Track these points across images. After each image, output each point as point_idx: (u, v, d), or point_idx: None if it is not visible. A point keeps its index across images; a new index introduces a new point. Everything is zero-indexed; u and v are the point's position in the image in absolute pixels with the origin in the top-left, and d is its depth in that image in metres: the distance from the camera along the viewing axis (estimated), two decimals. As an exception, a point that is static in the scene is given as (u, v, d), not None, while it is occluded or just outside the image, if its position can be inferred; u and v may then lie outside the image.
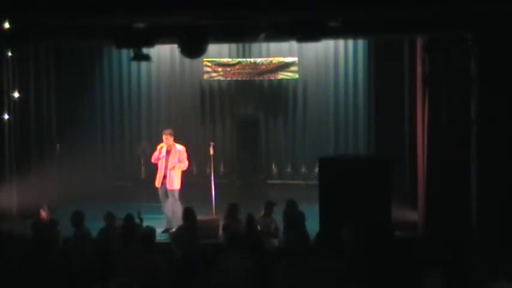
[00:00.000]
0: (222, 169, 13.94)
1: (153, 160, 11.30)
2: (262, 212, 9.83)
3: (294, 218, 9.39)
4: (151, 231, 8.16)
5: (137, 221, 9.20)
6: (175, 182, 11.09)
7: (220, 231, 10.04)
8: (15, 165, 12.13)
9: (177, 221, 10.34)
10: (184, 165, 11.19)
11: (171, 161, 11.07)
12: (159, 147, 11.23)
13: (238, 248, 7.81)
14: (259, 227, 9.41)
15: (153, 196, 11.61)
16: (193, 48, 10.17)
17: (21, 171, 12.12)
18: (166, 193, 11.12)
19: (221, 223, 10.11)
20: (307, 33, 10.03)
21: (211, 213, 11.08)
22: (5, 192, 11.79)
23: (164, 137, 11.17)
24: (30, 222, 9.67)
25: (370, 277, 7.22)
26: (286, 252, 7.66)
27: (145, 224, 9.24)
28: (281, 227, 9.72)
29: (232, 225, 9.28)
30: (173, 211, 10.95)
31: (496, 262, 6.95)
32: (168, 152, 11.12)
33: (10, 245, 8.33)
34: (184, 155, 11.19)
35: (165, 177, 11.08)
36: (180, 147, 11.21)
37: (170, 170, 11.04)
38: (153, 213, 10.96)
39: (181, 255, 8.59)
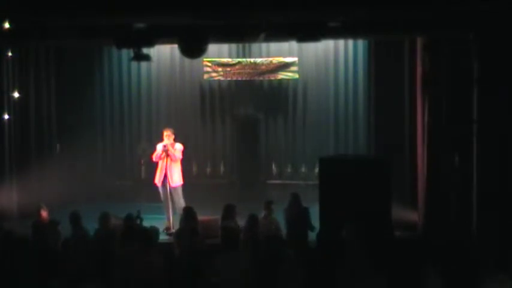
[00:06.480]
0: (222, 169, 13.94)
1: (154, 159, 11.26)
2: (263, 213, 9.83)
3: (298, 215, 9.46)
4: (154, 231, 8.14)
5: (137, 221, 9.20)
6: (175, 178, 11.11)
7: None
8: (15, 165, 12.15)
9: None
10: (178, 155, 11.17)
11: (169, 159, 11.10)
12: (161, 145, 11.18)
13: (235, 248, 7.81)
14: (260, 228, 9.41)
15: (153, 196, 11.59)
16: (193, 48, 10.16)
17: (21, 171, 12.13)
18: (168, 193, 11.11)
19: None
20: (307, 33, 10.04)
21: (211, 213, 11.07)
22: (5, 192, 11.81)
23: (165, 134, 11.15)
24: (30, 222, 9.68)
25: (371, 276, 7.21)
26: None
27: (144, 223, 9.23)
28: (282, 225, 9.74)
29: (229, 225, 9.27)
30: (177, 209, 10.94)
31: (496, 262, 6.95)
32: (167, 151, 11.12)
33: (10, 245, 8.32)
34: (180, 153, 11.22)
35: (165, 176, 11.09)
36: (178, 146, 11.24)
37: (168, 164, 11.04)
38: (153, 213, 10.95)
39: (181, 255, 8.59)
